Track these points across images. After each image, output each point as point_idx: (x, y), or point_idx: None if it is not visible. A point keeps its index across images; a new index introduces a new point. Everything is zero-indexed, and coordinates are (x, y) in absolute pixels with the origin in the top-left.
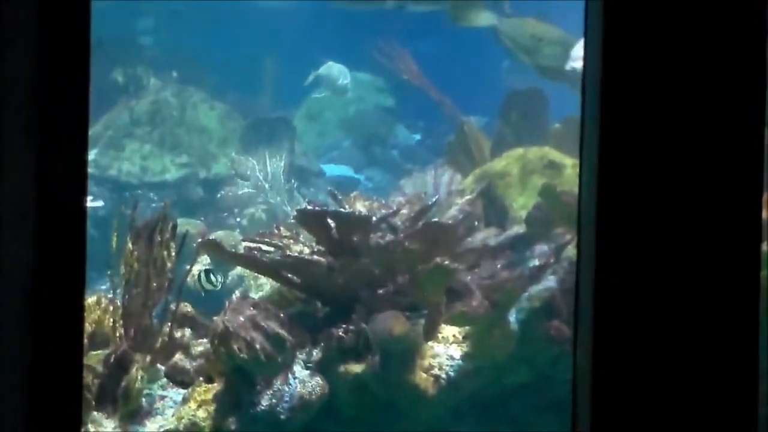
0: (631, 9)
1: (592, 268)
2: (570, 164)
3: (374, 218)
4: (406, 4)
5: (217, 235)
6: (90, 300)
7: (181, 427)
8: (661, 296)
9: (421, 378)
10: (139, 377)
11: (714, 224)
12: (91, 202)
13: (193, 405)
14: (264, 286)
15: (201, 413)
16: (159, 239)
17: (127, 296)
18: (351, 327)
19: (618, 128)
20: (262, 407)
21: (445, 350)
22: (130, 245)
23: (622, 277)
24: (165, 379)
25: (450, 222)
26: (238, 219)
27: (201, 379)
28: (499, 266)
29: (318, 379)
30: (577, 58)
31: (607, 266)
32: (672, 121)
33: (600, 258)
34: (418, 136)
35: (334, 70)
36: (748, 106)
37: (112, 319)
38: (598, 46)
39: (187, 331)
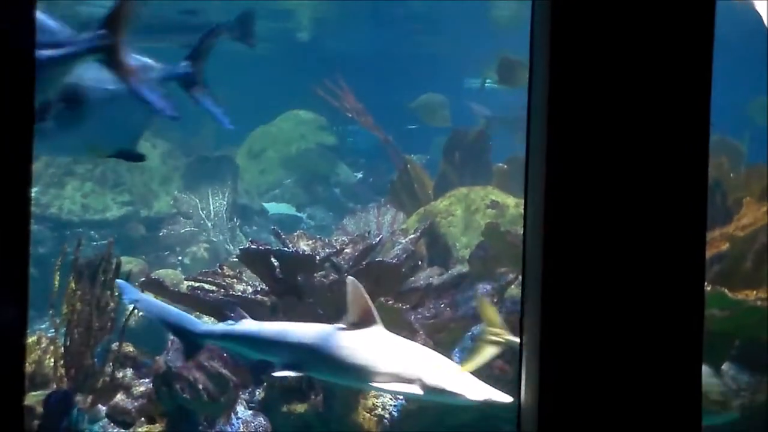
0: (573, 66)
1: (537, 308)
2: (513, 204)
3: (318, 257)
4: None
5: (159, 273)
6: (30, 339)
7: None
8: (607, 337)
9: (365, 418)
10: (84, 414)
11: (657, 268)
12: None
13: None
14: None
15: None
16: (102, 278)
17: (68, 336)
18: None
19: (563, 168)
20: None
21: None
22: (72, 284)
23: (569, 317)
24: (106, 420)
25: (393, 261)
26: (180, 257)
27: (143, 419)
28: (442, 305)
29: (261, 419)
30: None
31: (553, 306)
32: (616, 161)
33: (546, 297)
34: (360, 174)
35: (435, 99)
36: (691, 147)
37: (52, 359)
38: (544, 92)
39: (129, 371)
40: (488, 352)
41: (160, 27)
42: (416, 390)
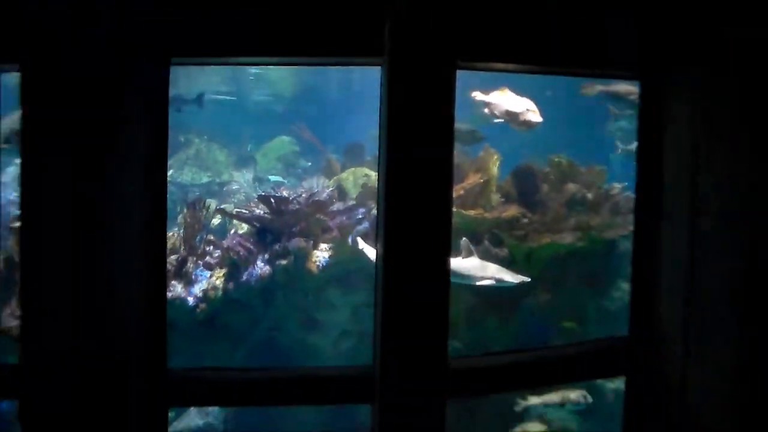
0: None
1: (384, 219)
2: (374, 175)
3: (291, 198)
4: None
5: (224, 206)
6: (169, 234)
7: (210, 287)
8: (414, 228)
9: (312, 266)
10: (191, 266)
11: (433, 200)
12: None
13: (214, 278)
14: (244, 227)
15: (218, 282)
16: (198, 207)
17: (184, 231)
18: (281, 245)
19: (396, 163)
20: (244, 279)
21: (321, 254)
22: (185, 210)
23: (395, 224)
24: (201, 268)
25: (323, 200)
26: (233, 199)
27: (218, 268)
28: (344, 218)
29: (267, 267)
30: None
31: (391, 219)
32: (417, 163)
33: (387, 215)
34: (310, 163)
35: (465, 126)
36: (444, 153)
37: (178, 242)
38: (385, 122)
39: (211, 247)
40: None
41: None
42: (494, 281)
